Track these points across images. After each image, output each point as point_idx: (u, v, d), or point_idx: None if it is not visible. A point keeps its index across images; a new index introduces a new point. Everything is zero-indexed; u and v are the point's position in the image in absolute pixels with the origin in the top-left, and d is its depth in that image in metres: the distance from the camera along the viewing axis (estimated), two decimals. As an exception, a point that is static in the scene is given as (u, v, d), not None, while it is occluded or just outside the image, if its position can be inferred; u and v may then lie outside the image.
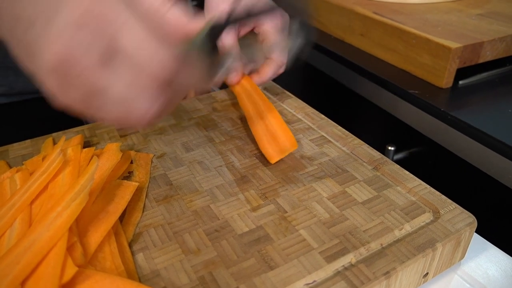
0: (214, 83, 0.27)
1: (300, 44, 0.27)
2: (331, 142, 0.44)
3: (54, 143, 0.43)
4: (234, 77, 0.48)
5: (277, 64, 0.48)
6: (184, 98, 0.28)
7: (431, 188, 0.37)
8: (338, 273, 0.29)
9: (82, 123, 0.48)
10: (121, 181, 0.35)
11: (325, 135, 0.45)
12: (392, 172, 0.39)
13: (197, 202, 0.36)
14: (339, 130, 0.45)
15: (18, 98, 0.53)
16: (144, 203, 0.35)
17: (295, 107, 0.50)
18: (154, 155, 0.42)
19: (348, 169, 0.39)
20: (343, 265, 0.30)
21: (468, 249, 0.35)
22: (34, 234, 0.28)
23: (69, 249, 0.28)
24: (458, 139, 0.53)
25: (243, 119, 0.47)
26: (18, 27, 0.25)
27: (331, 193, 0.36)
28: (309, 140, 0.44)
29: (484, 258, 0.35)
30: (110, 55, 0.24)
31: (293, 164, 0.40)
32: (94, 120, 0.28)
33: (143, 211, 0.35)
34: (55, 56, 0.23)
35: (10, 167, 0.40)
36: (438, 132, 0.56)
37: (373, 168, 0.39)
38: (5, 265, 0.26)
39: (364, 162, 0.40)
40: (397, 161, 0.52)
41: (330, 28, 0.79)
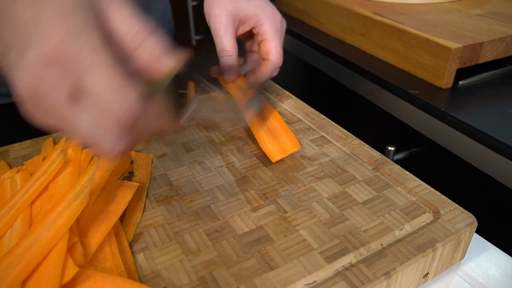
0: (181, 124, 0.27)
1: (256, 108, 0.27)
2: (331, 142, 0.44)
3: (55, 143, 0.43)
4: (230, 76, 0.49)
5: (273, 66, 0.49)
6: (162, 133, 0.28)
7: (431, 188, 0.37)
8: (338, 273, 0.29)
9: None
10: (122, 182, 0.35)
11: (325, 135, 0.45)
12: (392, 172, 0.39)
13: (198, 202, 0.36)
14: (339, 131, 0.45)
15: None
16: (145, 204, 0.35)
17: (295, 107, 0.50)
18: (155, 156, 0.42)
19: (348, 169, 0.39)
20: (343, 265, 0.30)
21: (468, 249, 0.35)
22: (35, 235, 0.28)
23: (70, 249, 0.28)
24: (458, 139, 0.53)
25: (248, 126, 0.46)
26: None
27: (331, 193, 0.36)
28: (309, 141, 0.44)
29: (484, 258, 0.36)
30: (78, 93, 0.24)
31: (293, 164, 0.40)
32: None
33: (144, 212, 0.35)
34: (26, 89, 0.24)
35: (11, 167, 0.40)
36: (438, 132, 0.56)
37: (373, 168, 0.40)
38: (6, 265, 0.26)
39: (364, 162, 0.40)
40: (397, 161, 0.53)
41: (330, 29, 0.79)
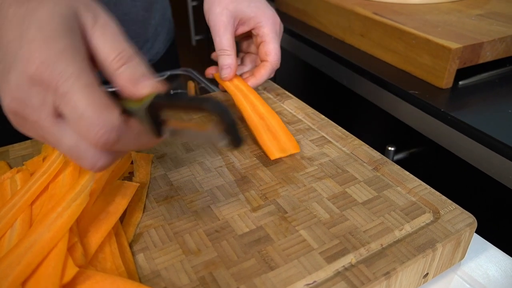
0: (159, 142, 0.30)
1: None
2: (331, 143, 0.44)
3: (55, 144, 0.43)
4: (227, 74, 0.49)
5: (272, 67, 0.50)
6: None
7: (431, 189, 0.37)
8: (338, 274, 0.29)
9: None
10: (122, 182, 0.35)
11: (325, 136, 0.45)
12: (392, 173, 0.39)
13: (198, 203, 0.36)
14: (339, 131, 0.45)
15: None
16: (145, 204, 0.35)
17: (296, 108, 0.50)
18: (155, 156, 0.42)
19: (348, 170, 0.39)
20: (343, 266, 0.30)
21: (468, 250, 0.35)
22: (35, 235, 0.28)
23: (70, 250, 0.28)
24: (458, 140, 0.53)
25: (243, 120, 0.47)
26: None
27: (331, 194, 0.36)
28: (309, 141, 0.44)
29: (484, 259, 0.36)
30: (60, 113, 0.25)
31: (293, 165, 0.40)
32: None
33: (144, 212, 0.35)
34: (11, 106, 0.25)
35: (11, 168, 0.40)
36: (438, 133, 0.56)
37: (373, 169, 0.40)
38: (6, 266, 0.26)
39: (364, 163, 0.40)
40: (397, 162, 0.53)
41: (330, 29, 0.79)
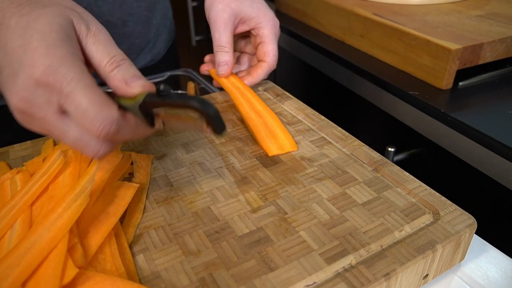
0: (155, 132, 0.34)
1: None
2: (331, 144, 0.44)
3: (55, 144, 0.43)
4: (224, 71, 0.49)
5: (270, 68, 0.51)
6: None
7: (431, 190, 0.37)
8: (338, 275, 0.29)
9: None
10: (122, 183, 0.35)
11: (325, 137, 0.45)
12: (392, 174, 0.39)
13: (198, 203, 0.36)
14: (339, 132, 0.45)
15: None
16: (145, 205, 0.35)
17: (295, 108, 0.50)
18: (155, 157, 0.42)
19: (348, 171, 0.39)
20: (343, 267, 0.30)
21: (468, 251, 0.35)
22: (35, 236, 0.28)
23: (70, 251, 0.28)
24: (458, 141, 0.53)
25: (243, 121, 0.47)
26: None
27: (331, 195, 0.36)
28: (309, 142, 0.44)
29: (484, 260, 0.36)
30: (65, 110, 0.29)
31: (293, 166, 0.40)
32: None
33: (144, 213, 0.35)
34: (19, 105, 0.28)
35: (11, 168, 0.40)
36: (438, 134, 0.56)
37: (373, 170, 0.40)
38: (6, 267, 0.26)
39: (364, 164, 0.40)
40: (397, 162, 0.53)
41: (330, 30, 0.79)
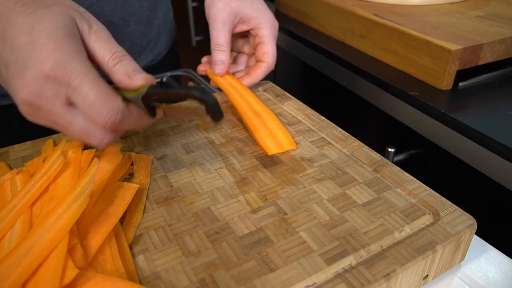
0: (155, 121, 0.37)
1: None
2: (331, 144, 0.44)
3: (55, 145, 0.43)
4: (220, 70, 0.50)
5: (268, 68, 0.51)
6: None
7: (431, 190, 0.37)
8: (338, 275, 0.29)
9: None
10: (122, 183, 0.35)
11: (325, 137, 0.45)
12: (392, 174, 0.39)
13: (198, 204, 0.36)
14: (339, 132, 0.45)
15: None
16: (145, 205, 0.35)
17: (296, 109, 0.50)
18: (155, 157, 0.42)
19: (348, 171, 0.39)
20: (343, 267, 0.30)
21: (468, 251, 0.35)
22: (35, 236, 0.28)
23: (70, 251, 0.28)
24: (458, 141, 0.53)
25: (242, 121, 0.47)
26: None
27: (331, 195, 0.36)
28: (309, 142, 0.44)
29: (484, 260, 0.36)
30: (70, 103, 0.31)
31: (293, 166, 0.40)
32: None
33: (144, 213, 0.35)
34: (28, 97, 0.30)
35: (11, 169, 0.40)
36: (438, 134, 0.56)
37: (373, 170, 0.40)
38: (6, 267, 0.26)
39: (364, 164, 0.40)
40: (397, 163, 0.53)
41: (330, 30, 0.79)
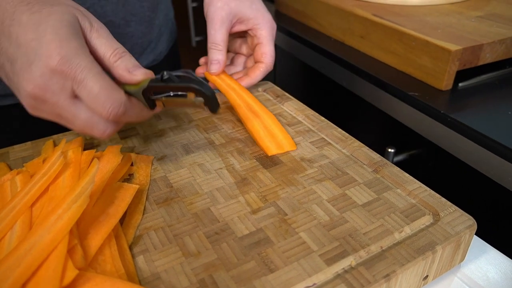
0: (155, 113, 0.39)
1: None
2: (331, 144, 0.44)
3: (55, 145, 0.43)
4: (215, 70, 0.50)
5: (267, 69, 0.52)
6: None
7: (431, 191, 0.37)
8: (338, 276, 0.29)
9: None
10: (122, 184, 0.35)
11: (325, 138, 0.45)
12: (392, 175, 0.39)
13: (198, 205, 0.36)
14: (339, 132, 0.45)
15: (18, 100, 0.53)
16: (145, 206, 0.35)
17: (295, 109, 0.50)
18: (155, 157, 0.42)
19: (348, 172, 0.39)
20: (343, 268, 0.30)
21: (468, 252, 0.35)
22: (35, 237, 0.28)
23: (70, 252, 0.28)
24: (458, 141, 0.53)
25: (241, 121, 0.47)
26: None
27: (331, 196, 0.36)
28: (309, 143, 0.44)
29: (484, 261, 0.36)
30: (75, 96, 0.32)
31: (293, 167, 0.40)
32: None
33: (144, 214, 0.35)
34: (32, 93, 0.31)
35: (11, 169, 0.40)
36: (438, 134, 0.56)
37: (373, 171, 0.40)
38: (6, 268, 0.26)
39: (364, 165, 0.40)
40: (397, 163, 0.53)
41: (330, 30, 0.79)
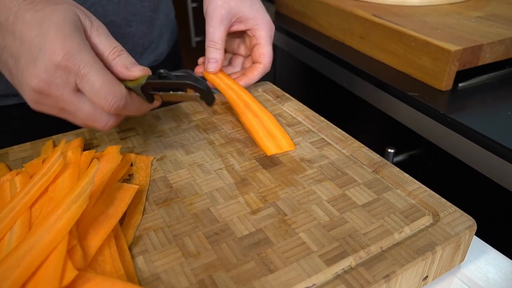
0: (154, 106, 0.41)
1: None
2: (331, 145, 0.44)
3: (54, 146, 0.43)
4: (213, 68, 0.50)
5: (265, 69, 0.52)
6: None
7: (431, 191, 0.37)
8: (338, 277, 0.29)
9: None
10: (121, 184, 0.35)
11: (325, 138, 0.45)
12: (392, 175, 0.39)
13: (197, 205, 0.36)
14: (339, 133, 0.45)
15: (18, 101, 0.53)
16: (144, 206, 0.35)
17: (295, 110, 0.50)
18: (154, 158, 0.42)
19: (348, 172, 0.39)
20: (343, 269, 0.30)
21: (468, 252, 0.35)
22: (34, 237, 0.28)
23: (69, 252, 0.28)
24: (458, 142, 0.53)
25: (241, 121, 0.47)
26: (2, 55, 0.34)
27: (331, 196, 0.36)
28: (309, 143, 0.44)
29: (484, 261, 0.36)
30: (78, 90, 0.34)
31: (293, 167, 0.40)
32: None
33: (143, 214, 0.35)
34: (36, 87, 0.32)
35: (10, 170, 0.40)
36: (438, 135, 0.56)
37: (373, 171, 0.40)
38: (5, 268, 0.26)
39: (364, 165, 0.40)
40: (397, 164, 0.53)
41: (330, 31, 0.79)
